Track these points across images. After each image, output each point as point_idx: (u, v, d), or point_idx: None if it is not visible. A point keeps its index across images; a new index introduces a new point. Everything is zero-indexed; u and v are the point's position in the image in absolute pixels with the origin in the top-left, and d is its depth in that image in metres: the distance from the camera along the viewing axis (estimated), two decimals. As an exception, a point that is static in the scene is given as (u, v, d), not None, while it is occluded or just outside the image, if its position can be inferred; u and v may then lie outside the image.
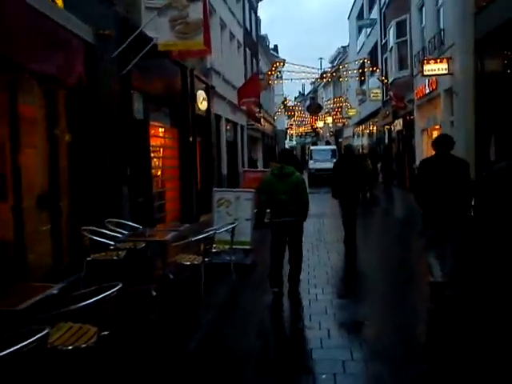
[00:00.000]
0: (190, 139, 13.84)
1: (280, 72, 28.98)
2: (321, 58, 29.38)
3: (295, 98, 66.55)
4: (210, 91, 16.45)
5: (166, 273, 7.08)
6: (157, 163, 12.27)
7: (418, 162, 18.42)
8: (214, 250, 7.69)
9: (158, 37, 8.18)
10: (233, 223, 7.65)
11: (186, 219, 13.06)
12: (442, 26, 15.75)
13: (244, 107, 19.96)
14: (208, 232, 7.22)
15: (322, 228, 13.03)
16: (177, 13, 7.90)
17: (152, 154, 11.58)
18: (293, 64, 25.95)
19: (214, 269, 7.54)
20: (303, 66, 25.57)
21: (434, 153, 6.64)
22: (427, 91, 17.30)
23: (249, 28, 27.52)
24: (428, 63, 14.74)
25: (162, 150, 12.73)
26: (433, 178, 6.34)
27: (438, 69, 14.64)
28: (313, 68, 26.18)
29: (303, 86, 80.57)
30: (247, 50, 26.15)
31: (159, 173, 12.46)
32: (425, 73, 14.76)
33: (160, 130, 12.48)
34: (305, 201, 6.71)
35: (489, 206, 5.74)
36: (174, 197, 13.39)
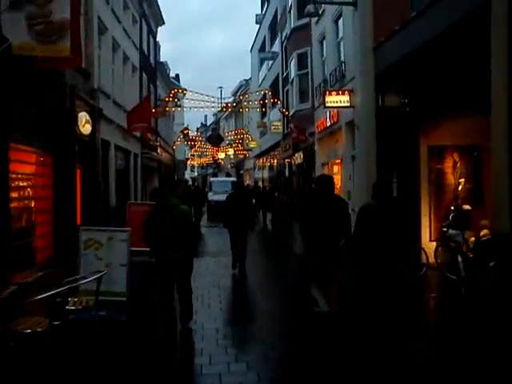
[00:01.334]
0: (68, 166, 12.08)
1: (179, 100, 27.71)
2: (221, 87, 28.51)
3: (197, 129, 65.59)
4: (97, 114, 14.78)
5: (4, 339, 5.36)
6: (23, 193, 10.40)
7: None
8: (74, 307, 6.09)
9: (13, 37, 6.56)
10: (101, 271, 6.11)
11: (60, 259, 11.25)
12: (343, 59, 15.38)
13: (137, 133, 18.34)
14: (68, 282, 5.65)
15: (216, 269, 11.70)
16: (36, 9, 6.37)
17: (15, 183, 9.76)
18: (193, 92, 24.80)
19: (76, 328, 5.95)
20: (203, 94, 24.47)
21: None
22: (328, 124, 16.83)
23: (146, 52, 26.12)
24: (330, 94, 14.19)
25: (32, 178, 10.90)
26: (315, 215, 6.81)
27: (340, 101, 14.13)
28: (213, 97, 24.55)
29: (206, 117, 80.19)
30: (144, 74, 24.69)
31: (28, 204, 10.61)
32: (327, 104, 14.19)
33: (28, 154, 10.64)
34: (191, 236, 6.27)
35: (360, 240, 6.40)
36: (45, 233, 11.49)
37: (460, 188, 10.55)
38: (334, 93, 14.26)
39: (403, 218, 6.54)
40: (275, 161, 31.50)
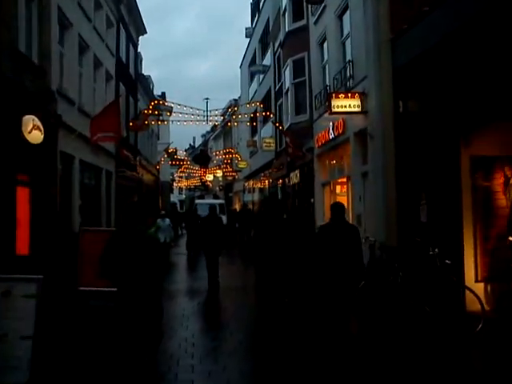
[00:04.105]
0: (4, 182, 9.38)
1: (161, 114, 25.11)
2: (207, 99, 25.92)
3: (185, 151, 63.25)
4: (53, 121, 12.11)
5: None
6: None
7: (318, 223, 15.23)
8: None
9: None
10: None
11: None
12: (350, 58, 12.91)
13: (112, 149, 15.61)
14: None
15: (199, 313, 9.04)
16: None
17: None
18: (175, 103, 22.26)
19: None
20: (186, 106, 21.93)
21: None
22: (332, 136, 14.26)
23: (125, 60, 23.61)
24: (337, 98, 11.66)
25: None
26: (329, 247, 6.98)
27: (349, 105, 11.60)
28: (198, 109, 22.04)
29: (194, 138, 77.77)
30: (121, 85, 22.12)
31: None
32: (333, 109, 11.64)
33: None
34: (157, 270, 5.25)
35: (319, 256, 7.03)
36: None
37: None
38: (341, 95, 11.72)
39: (354, 238, 7.00)
40: (266, 182, 28.92)
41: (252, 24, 34.18)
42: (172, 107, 24.51)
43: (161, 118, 26.33)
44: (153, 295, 5.20)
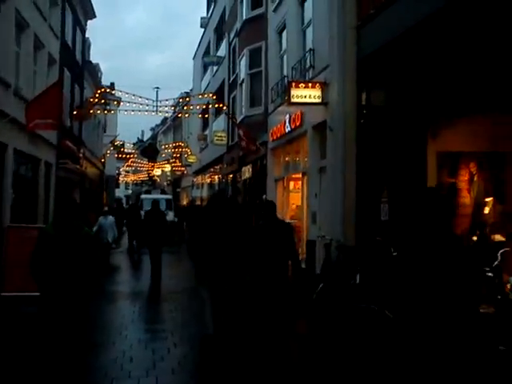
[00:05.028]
0: None
1: (107, 101, 23.82)
2: (157, 88, 24.80)
3: (134, 145, 61.46)
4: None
5: None
6: None
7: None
8: None
9: None
10: None
11: None
12: (311, 47, 12.31)
13: (41, 130, 14.33)
14: None
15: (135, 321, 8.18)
16: None
17: None
18: (123, 92, 21.11)
19: None
20: (135, 95, 20.83)
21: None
22: (288, 129, 13.66)
23: (71, 45, 22.23)
24: (297, 87, 11.02)
25: None
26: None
27: (309, 96, 10.98)
28: (147, 99, 20.94)
29: (142, 132, 75.82)
30: (66, 70, 20.75)
31: None
32: (292, 99, 10.98)
33: None
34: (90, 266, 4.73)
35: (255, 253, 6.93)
36: None
37: (488, 210, 7.56)
38: (301, 85, 11.09)
39: (287, 235, 6.95)
40: (216, 177, 28.14)
41: (208, 13, 33.26)
42: (120, 98, 23.37)
43: (108, 107, 25.00)
44: (80, 300, 4.54)
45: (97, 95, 21.31)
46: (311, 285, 9.64)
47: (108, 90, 22.09)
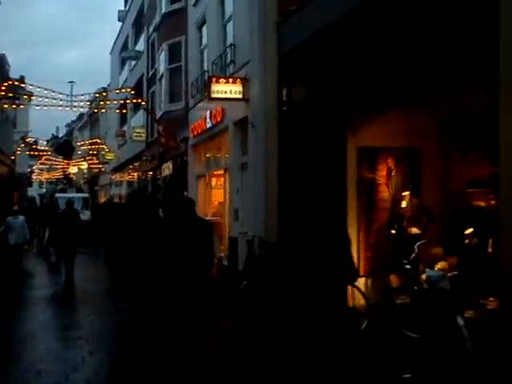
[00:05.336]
0: None
1: (16, 95, 22.44)
2: (71, 82, 23.72)
3: (48, 141, 58.67)
4: None
5: None
6: None
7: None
8: None
9: None
10: None
11: None
12: (232, 42, 12.19)
13: None
14: None
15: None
16: None
17: None
18: (38, 87, 19.91)
19: None
20: (48, 89, 19.73)
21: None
22: (209, 125, 13.46)
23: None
24: (217, 82, 10.85)
25: None
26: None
27: (230, 91, 10.85)
28: (61, 94, 19.94)
29: (57, 128, 72.56)
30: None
31: None
32: (213, 94, 10.80)
33: None
34: None
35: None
36: None
37: (405, 204, 7.77)
38: (222, 80, 10.94)
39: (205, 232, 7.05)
40: (136, 175, 27.39)
41: (125, 7, 32.28)
42: (32, 92, 22.09)
43: (17, 102, 23.58)
44: None
45: (3, 88, 19.95)
46: (234, 282, 9.52)
47: (17, 83, 20.75)
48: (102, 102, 28.24)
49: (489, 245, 6.41)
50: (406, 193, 7.78)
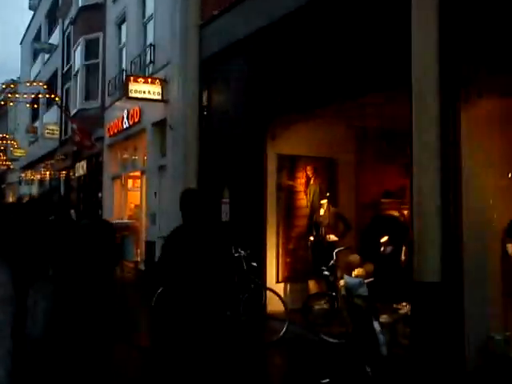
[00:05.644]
0: None
1: None
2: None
3: None
4: None
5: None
6: None
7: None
8: None
9: None
10: None
11: None
12: (152, 42, 11.89)
13: None
14: None
15: None
16: None
17: None
18: None
19: None
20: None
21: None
22: (126, 125, 13.08)
23: None
24: (136, 82, 10.55)
25: None
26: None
27: (149, 91, 10.61)
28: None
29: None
30: None
31: None
32: (130, 94, 10.50)
33: None
34: None
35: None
36: None
37: (323, 212, 7.90)
38: (141, 80, 10.65)
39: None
40: (48, 174, 26.11)
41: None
42: None
43: None
44: None
45: None
46: (150, 288, 9.26)
47: None
48: (10, 95, 26.70)
49: (402, 252, 6.65)
50: (324, 201, 7.92)
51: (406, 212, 6.91)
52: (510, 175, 5.33)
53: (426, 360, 5.05)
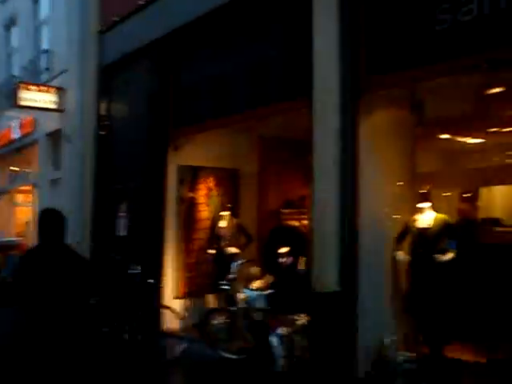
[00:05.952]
0: None
1: None
2: None
3: None
4: None
5: None
6: None
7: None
8: None
9: None
10: None
11: None
12: (47, 47, 11.29)
13: None
14: None
15: None
16: None
17: None
18: None
19: None
20: None
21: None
22: (16, 136, 12.29)
23: None
24: (27, 89, 9.91)
25: None
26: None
27: (43, 100, 10.02)
28: None
29: None
30: None
31: None
32: (21, 102, 9.84)
33: None
34: None
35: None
36: None
37: (225, 224, 7.78)
38: (33, 87, 10.03)
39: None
40: None
41: None
42: None
43: None
44: None
45: None
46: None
47: None
48: None
49: (301, 263, 6.68)
50: (226, 213, 7.82)
51: (305, 222, 6.96)
52: (402, 183, 5.53)
53: (322, 370, 5.05)
